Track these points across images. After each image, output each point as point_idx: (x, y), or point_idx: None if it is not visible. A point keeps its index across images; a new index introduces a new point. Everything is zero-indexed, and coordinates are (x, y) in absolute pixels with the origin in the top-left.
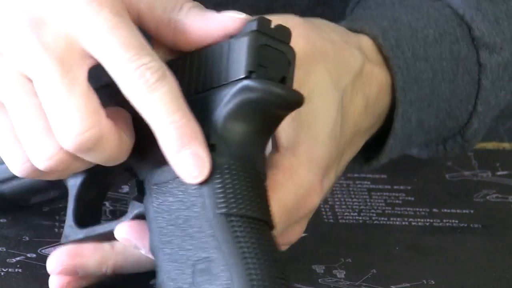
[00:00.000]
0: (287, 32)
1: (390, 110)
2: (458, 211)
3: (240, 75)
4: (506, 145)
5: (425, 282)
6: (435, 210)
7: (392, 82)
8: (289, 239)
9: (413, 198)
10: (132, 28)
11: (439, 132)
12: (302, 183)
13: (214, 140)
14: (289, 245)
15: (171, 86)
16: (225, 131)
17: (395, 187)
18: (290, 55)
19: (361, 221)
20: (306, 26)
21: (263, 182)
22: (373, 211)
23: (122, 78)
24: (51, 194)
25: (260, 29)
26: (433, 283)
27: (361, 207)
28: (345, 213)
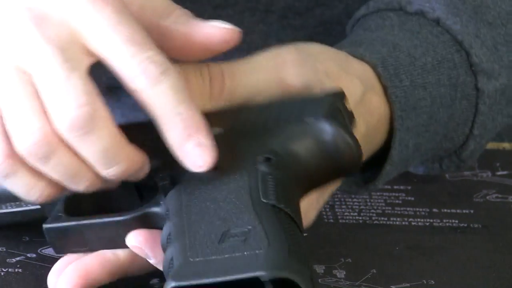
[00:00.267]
0: (352, 116)
1: (388, 136)
2: (458, 211)
3: (317, 116)
4: (506, 145)
5: (425, 282)
6: (435, 210)
7: (391, 111)
8: None
9: (413, 198)
10: (136, 24)
11: (435, 153)
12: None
13: (272, 156)
14: None
15: (175, 79)
16: (285, 154)
17: (395, 187)
18: (350, 132)
19: (361, 221)
20: (298, 62)
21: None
22: (373, 211)
23: (126, 72)
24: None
25: (340, 96)
26: (433, 283)
27: (361, 207)
28: (345, 213)
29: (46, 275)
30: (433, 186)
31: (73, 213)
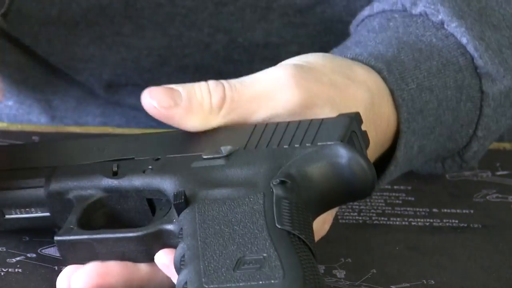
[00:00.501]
0: (367, 139)
1: (393, 137)
2: (458, 211)
3: (332, 141)
4: (506, 145)
5: (425, 282)
6: (435, 210)
7: (397, 114)
8: None
9: (413, 198)
10: None
11: (439, 153)
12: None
13: (288, 179)
14: None
15: None
16: (301, 178)
17: (395, 187)
18: (365, 157)
19: (361, 221)
20: (298, 76)
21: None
22: (373, 211)
23: None
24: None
25: (356, 118)
26: (433, 283)
27: (361, 207)
28: (345, 213)
29: (46, 275)
30: (433, 186)
31: (85, 225)
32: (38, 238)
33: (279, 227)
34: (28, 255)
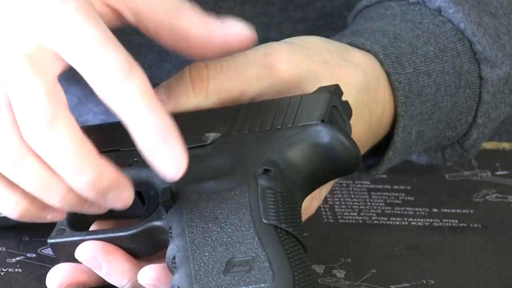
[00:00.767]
0: (349, 109)
1: (391, 123)
2: (458, 211)
3: (312, 121)
4: (506, 145)
5: (425, 282)
6: (435, 210)
7: (394, 98)
8: None
9: (413, 198)
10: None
11: (438, 141)
12: None
13: (271, 167)
14: None
15: (140, 81)
16: (284, 164)
17: (395, 187)
18: (349, 128)
19: (360, 221)
20: (290, 50)
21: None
22: (372, 211)
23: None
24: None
25: (335, 93)
26: (433, 283)
27: (361, 207)
28: (345, 213)
29: (46, 275)
30: (433, 186)
31: (77, 224)
32: (38, 238)
33: (266, 222)
34: (28, 255)
